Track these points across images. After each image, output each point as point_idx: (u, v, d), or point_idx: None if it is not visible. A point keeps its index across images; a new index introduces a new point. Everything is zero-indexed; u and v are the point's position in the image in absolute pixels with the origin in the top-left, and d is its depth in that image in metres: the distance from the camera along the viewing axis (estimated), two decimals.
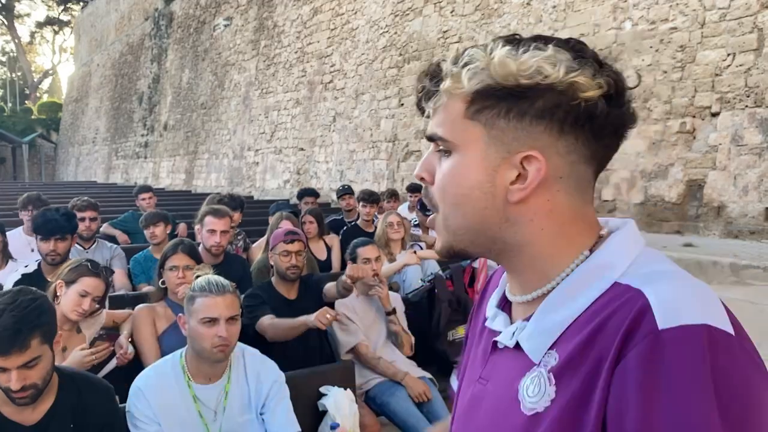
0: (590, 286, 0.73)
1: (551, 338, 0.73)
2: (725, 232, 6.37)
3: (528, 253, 0.77)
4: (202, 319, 2.19)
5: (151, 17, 23.34)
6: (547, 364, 0.72)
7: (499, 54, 0.72)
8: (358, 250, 3.54)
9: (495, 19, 9.23)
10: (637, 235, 0.78)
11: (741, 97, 6.27)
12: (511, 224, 0.76)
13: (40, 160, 35.78)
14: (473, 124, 0.75)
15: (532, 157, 0.73)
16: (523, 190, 0.74)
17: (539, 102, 0.72)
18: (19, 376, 1.75)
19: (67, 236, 3.53)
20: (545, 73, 0.71)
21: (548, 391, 0.70)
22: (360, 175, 11.66)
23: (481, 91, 0.73)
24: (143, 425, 2.15)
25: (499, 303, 0.88)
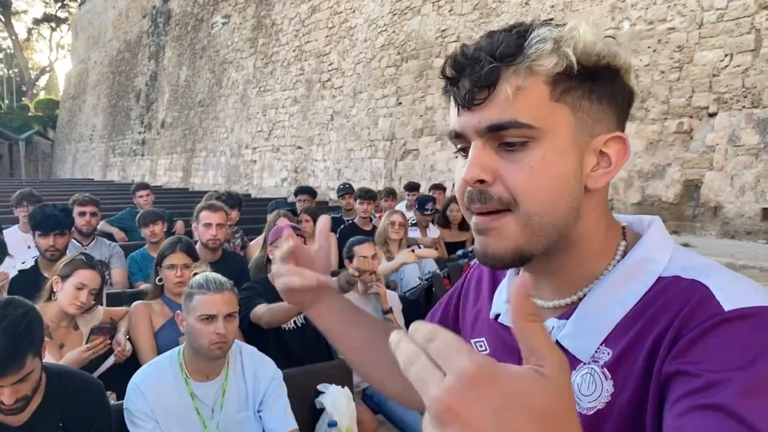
0: (635, 281, 0.71)
1: (602, 335, 0.70)
2: (722, 232, 6.39)
3: (581, 250, 0.74)
4: (200, 316, 2.19)
5: (149, 15, 23.29)
6: (598, 360, 0.70)
7: (585, 32, 0.68)
8: (355, 249, 3.55)
9: (493, 18, 9.24)
10: (666, 232, 0.77)
11: (738, 98, 6.28)
12: (579, 217, 0.72)
13: (37, 157, 35.69)
14: (560, 106, 0.69)
15: (616, 138, 0.71)
16: (609, 173, 0.71)
17: (612, 84, 0.71)
18: (12, 392, 1.73)
19: (65, 231, 3.54)
20: (612, 56, 0.70)
21: (606, 387, 0.68)
22: (358, 174, 11.66)
23: (566, 72, 0.68)
24: (141, 422, 2.15)
25: None
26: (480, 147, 0.70)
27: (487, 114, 0.69)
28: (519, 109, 0.67)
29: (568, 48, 0.67)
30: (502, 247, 0.71)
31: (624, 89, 0.73)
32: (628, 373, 0.66)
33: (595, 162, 0.71)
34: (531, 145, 0.68)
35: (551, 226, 0.70)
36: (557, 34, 0.68)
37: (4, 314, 1.72)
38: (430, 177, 9.44)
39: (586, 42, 0.68)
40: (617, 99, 0.72)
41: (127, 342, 2.86)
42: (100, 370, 2.70)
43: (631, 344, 0.67)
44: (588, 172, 0.71)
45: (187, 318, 2.25)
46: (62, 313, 2.67)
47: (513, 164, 0.69)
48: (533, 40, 0.68)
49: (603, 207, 0.74)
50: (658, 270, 0.70)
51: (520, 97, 0.68)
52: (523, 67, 0.68)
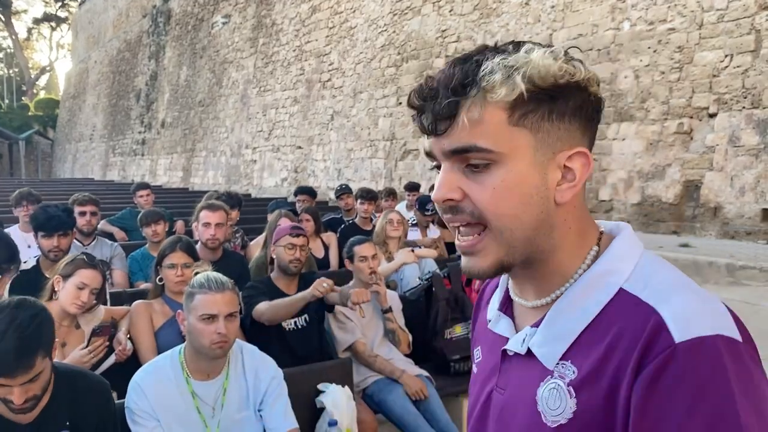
0: (597, 291, 0.75)
1: (564, 344, 0.75)
2: (722, 232, 6.39)
3: (556, 258, 0.78)
4: (201, 315, 2.20)
5: (149, 14, 23.30)
6: (564, 377, 0.74)
7: (538, 56, 0.71)
8: (355, 249, 3.55)
9: (494, 18, 9.24)
10: (635, 239, 0.80)
11: (738, 99, 6.29)
12: (551, 228, 0.76)
13: (37, 156, 35.70)
14: (519, 130, 0.72)
15: (579, 153, 0.75)
16: (574, 187, 0.75)
17: (572, 100, 0.73)
18: (22, 392, 1.74)
19: (68, 232, 3.54)
20: (571, 72, 0.72)
21: (569, 404, 0.72)
22: (358, 174, 11.66)
23: (521, 98, 0.71)
24: (142, 421, 2.15)
25: (500, 305, 0.89)
26: (448, 169, 0.76)
27: (450, 140, 0.74)
28: (478, 136, 0.72)
29: (518, 76, 0.71)
30: (486, 264, 0.77)
31: (587, 101, 0.75)
32: (591, 395, 0.71)
33: (560, 177, 0.75)
34: (493, 167, 0.73)
35: (523, 239, 0.75)
36: (509, 62, 0.71)
37: (14, 315, 1.73)
38: (431, 177, 9.44)
39: (540, 66, 0.71)
40: (580, 113, 0.75)
41: (128, 341, 2.86)
42: (100, 369, 2.71)
43: (594, 368, 0.71)
44: (553, 186, 0.75)
45: (188, 317, 2.26)
46: (64, 313, 2.68)
47: (477, 184, 0.74)
48: (485, 71, 0.72)
49: (574, 217, 0.78)
50: (620, 281, 0.74)
51: (479, 125, 0.72)
52: (477, 98, 0.72)
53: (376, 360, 3.39)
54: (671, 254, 5.54)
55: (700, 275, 5.33)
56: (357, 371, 3.30)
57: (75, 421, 1.97)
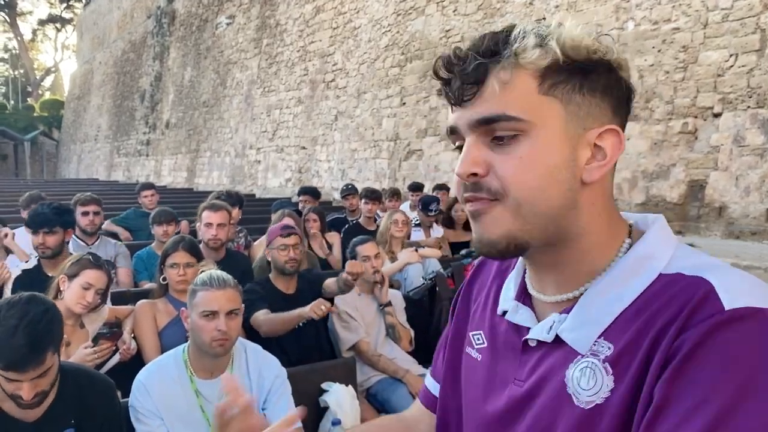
0: (636, 276, 0.71)
1: (600, 327, 0.71)
2: (727, 232, 6.37)
3: (583, 244, 0.74)
4: (202, 312, 2.21)
5: (154, 15, 23.35)
6: (598, 354, 0.70)
7: (571, 27, 0.70)
8: (358, 248, 3.56)
9: (497, 18, 9.24)
10: (669, 229, 0.77)
11: (743, 98, 6.27)
12: (577, 210, 0.72)
13: (42, 157, 35.80)
14: (549, 99, 0.70)
15: (610, 131, 0.72)
16: (604, 166, 0.72)
17: (605, 78, 0.71)
18: (31, 387, 1.77)
19: (56, 229, 3.51)
20: (604, 51, 0.71)
21: (606, 382, 0.68)
22: (361, 174, 11.66)
23: (553, 66, 0.69)
24: (146, 419, 2.16)
25: (518, 295, 0.84)
26: (472, 142, 0.73)
27: (477, 109, 0.71)
28: (507, 103, 0.70)
29: (552, 41, 0.69)
30: (495, 233, 0.73)
31: (619, 83, 0.73)
32: (628, 369, 0.67)
33: (590, 155, 0.72)
34: (521, 137, 0.70)
35: (543, 215, 0.71)
36: (542, 29, 0.70)
37: (25, 311, 1.75)
38: (434, 177, 9.44)
39: (573, 36, 0.69)
40: (611, 92, 0.72)
41: (132, 341, 2.87)
42: (105, 369, 2.72)
43: (632, 340, 0.67)
44: (582, 164, 0.72)
45: (191, 314, 2.27)
46: (68, 312, 2.69)
47: (504, 156, 0.71)
48: (517, 35, 0.70)
49: (604, 202, 0.75)
50: (660, 267, 0.71)
51: (508, 92, 0.70)
52: (508, 62, 0.70)
53: (380, 359, 3.39)
54: None
55: None
56: (360, 370, 3.30)
57: (80, 419, 1.97)
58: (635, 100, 0.76)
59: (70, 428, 1.96)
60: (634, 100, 0.77)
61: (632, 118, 7.35)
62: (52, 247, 3.48)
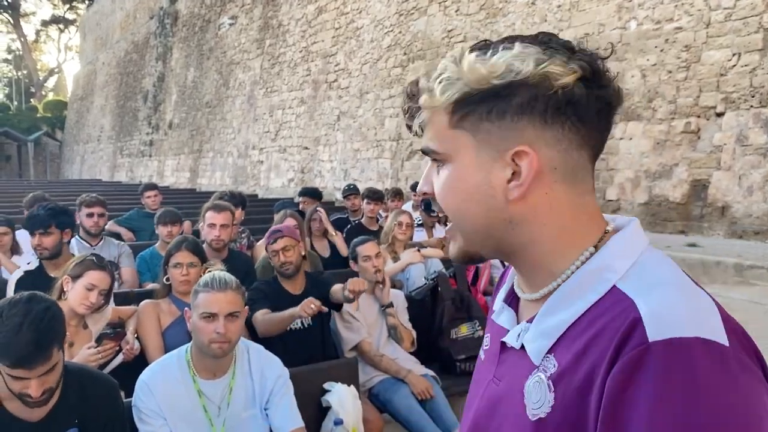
0: (590, 289, 0.73)
1: (550, 341, 0.75)
2: (729, 232, 6.36)
3: (533, 252, 0.78)
4: (202, 313, 2.22)
5: (156, 16, 23.39)
6: (546, 370, 0.74)
7: (467, 61, 0.74)
8: (358, 249, 3.57)
9: (500, 18, 9.23)
10: (639, 235, 0.78)
11: (746, 97, 6.26)
12: (515, 225, 0.77)
13: (45, 158, 35.91)
14: (459, 132, 0.77)
15: (521, 151, 0.74)
16: (520, 185, 0.74)
17: (516, 98, 0.73)
18: (39, 384, 1.78)
19: (51, 230, 3.49)
20: (515, 70, 0.72)
21: (548, 398, 0.72)
22: (364, 174, 11.67)
23: (459, 100, 0.75)
24: (149, 419, 2.17)
25: (506, 297, 0.90)
26: (429, 165, 0.85)
27: (423, 140, 0.83)
28: (430, 138, 0.81)
29: (454, 80, 0.76)
30: (454, 250, 0.85)
31: (541, 97, 0.73)
32: (567, 389, 0.70)
33: (511, 173, 0.75)
34: (444, 165, 0.81)
35: (474, 232, 0.80)
36: (445, 70, 0.77)
37: (28, 309, 1.77)
38: None
39: (469, 70, 0.74)
40: (529, 110, 0.73)
41: (135, 341, 2.88)
42: (108, 369, 2.72)
43: (573, 362, 0.71)
44: (503, 184, 0.76)
45: (192, 315, 2.29)
46: (72, 313, 2.70)
47: (437, 179, 0.83)
48: (433, 77, 0.79)
49: (552, 214, 0.77)
50: (613, 279, 0.73)
51: (430, 129, 0.81)
52: (426, 103, 0.80)
53: (382, 359, 3.39)
54: (678, 254, 5.52)
55: (708, 275, 5.30)
56: (363, 371, 3.30)
57: (83, 419, 1.98)
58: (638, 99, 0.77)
59: (73, 428, 1.97)
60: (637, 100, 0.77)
61: (635, 118, 7.34)
62: (49, 248, 3.48)
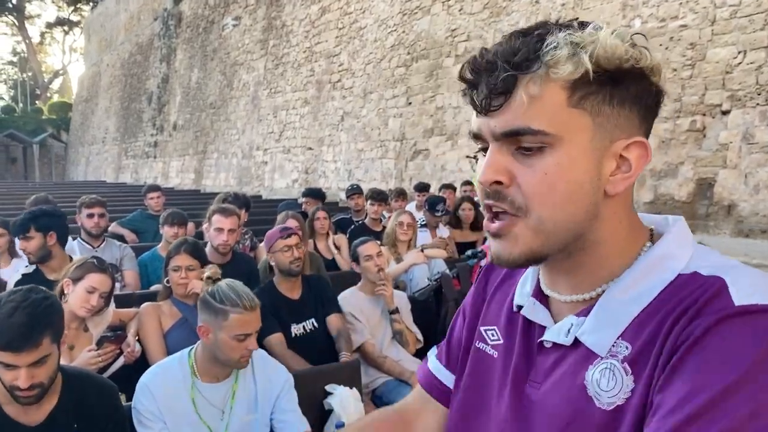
0: (654, 276, 0.71)
1: (618, 330, 0.70)
2: (736, 230, 6.32)
3: (602, 251, 0.74)
4: (237, 335, 2.17)
5: (160, 17, 23.43)
6: (617, 355, 0.69)
7: (606, 35, 0.67)
8: (359, 249, 3.55)
9: (503, 17, 9.20)
10: (689, 231, 0.76)
11: (752, 95, 6.21)
12: (599, 221, 0.72)
13: (51, 159, 36.01)
14: (578, 112, 0.68)
15: (636, 143, 0.71)
16: (628, 178, 0.71)
17: (634, 87, 0.70)
18: (28, 374, 1.75)
19: (30, 234, 3.43)
20: (637, 57, 0.69)
21: (626, 382, 0.67)
22: (368, 174, 11.65)
23: (584, 78, 0.67)
24: (148, 422, 2.15)
25: (534, 292, 0.83)
26: (496, 150, 0.72)
27: (503, 120, 0.69)
28: (534, 117, 0.68)
29: (584, 54, 0.66)
30: (516, 252, 0.72)
31: (650, 91, 0.71)
32: (645, 368, 0.66)
33: (615, 166, 0.71)
34: (547, 150, 0.69)
35: (565, 231, 0.71)
36: (575, 38, 0.67)
37: (26, 296, 1.79)
38: (441, 177, 9.41)
39: (607, 46, 0.67)
40: (641, 102, 0.71)
41: (136, 343, 2.87)
42: (109, 372, 2.71)
43: (649, 338, 0.67)
44: (607, 176, 0.71)
45: (217, 333, 2.19)
46: (72, 315, 2.69)
47: (528, 168, 0.70)
48: (549, 46, 0.67)
49: (625, 210, 0.74)
50: (678, 267, 0.70)
51: (536, 104, 0.68)
52: (538, 74, 0.68)
53: (385, 361, 3.37)
54: None
55: None
56: (366, 372, 3.28)
57: (83, 424, 1.96)
58: None
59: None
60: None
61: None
62: (33, 252, 3.44)
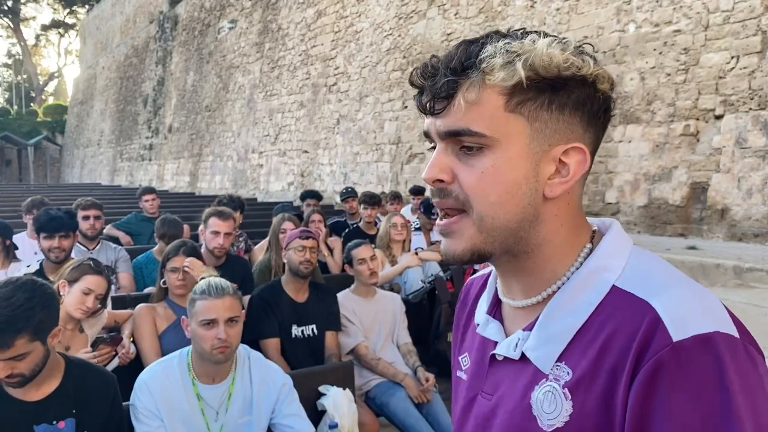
0: (590, 290, 0.73)
1: (560, 346, 0.73)
2: (729, 234, 6.35)
3: (544, 252, 0.76)
4: (202, 321, 2.23)
5: (156, 20, 23.43)
6: (559, 378, 0.72)
7: (543, 44, 0.70)
8: (353, 252, 3.57)
9: (499, 21, 9.24)
10: (624, 235, 0.78)
11: (745, 100, 6.26)
12: (539, 223, 0.74)
13: (46, 162, 35.91)
14: (515, 117, 0.71)
15: (576, 148, 0.73)
16: (565, 182, 0.73)
17: (575, 93, 0.72)
18: (6, 366, 1.81)
19: (70, 233, 3.58)
20: (577, 65, 0.71)
21: (565, 407, 0.70)
22: (364, 178, 11.67)
23: (520, 84, 0.70)
24: (145, 419, 2.17)
25: (489, 309, 0.86)
26: (441, 150, 0.76)
27: (445, 121, 0.74)
28: (473, 119, 0.72)
29: (519, 62, 0.69)
30: (461, 248, 0.76)
31: (594, 98, 0.73)
32: (587, 396, 0.69)
33: (554, 170, 0.73)
34: (485, 151, 0.73)
35: (503, 228, 0.74)
36: (512, 47, 0.70)
37: (12, 294, 1.80)
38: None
39: (543, 54, 0.69)
40: (583, 108, 0.73)
41: (131, 345, 2.87)
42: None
43: (590, 367, 0.69)
44: (545, 180, 0.73)
45: (191, 323, 2.29)
46: (68, 317, 2.69)
47: (468, 167, 0.74)
48: (485, 54, 0.71)
49: (568, 213, 0.76)
50: (612, 279, 0.73)
51: (475, 108, 0.72)
52: (476, 80, 0.71)
53: (379, 363, 3.39)
54: (678, 257, 5.51)
55: (707, 277, 5.29)
56: (359, 374, 3.30)
57: (80, 411, 2.04)
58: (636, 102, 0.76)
59: (70, 418, 2.01)
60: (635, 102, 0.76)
61: (634, 121, 7.34)
62: (67, 251, 3.53)
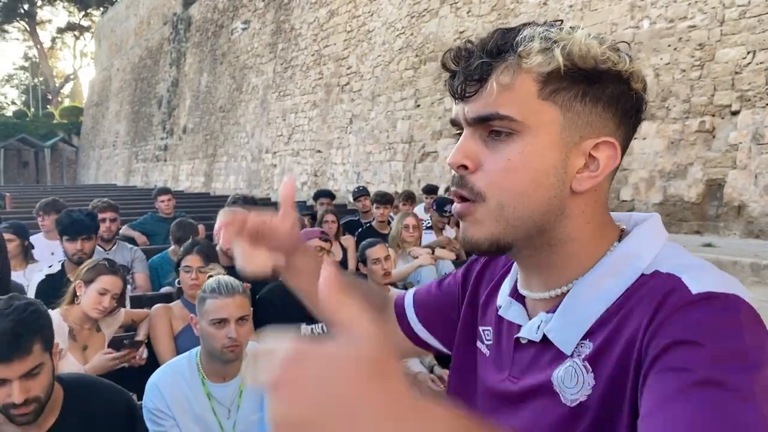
0: (618, 276, 0.72)
1: (583, 329, 0.72)
2: (746, 231, 6.28)
3: (569, 248, 0.75)
4: (212, 320, 2.22)
5: (170, 21, 23.58)
6: (580, 354, 0.71)
7: (581, 35, 0.69)
8: (367, 252, 3.57)
9: (512, 19, 9.20)
10: (661, 228, 0.77)
11: (762, 95, 6.18)
12: (565, 217, 0.73)
13: (62, 163, 36.27)
14: (548, 105, 0.70)
15: (607, 143, 0.72)
16: (594, 178, 0.72)
17: (610, 88, 0.71)
18: (22, 388, 1.58)
19: (92, 236, 3.64)
20: (614, 60, 0.70)
21: (587, 380, 0.69)
22: (376, 177, 11.68)
23: (556, 72, 0.69)
24: (159, 420, 2.18)
25: (511, 292, 0.85)
26: (468, 135, 0.74)
27: (475, 106, 0.72)
28: (503, 103, 0.70)
29: (557, 48, 0.68)
30: (478, 234, 0.74)
31: (628, 95, 0.72)
32: (605, 366, 0.68)
33: (583, 164, 0.72)
34: (514, 137, 0.71)
35: (526, 219, 0.72)
36: (550, 34, 0.69)
37: (9, 303, 1.64)
38: (449, 179, 9.41)
39: (581, 44, 0.69)
40: (616, 103, 0.72)
41: (144, 350, 2.88)
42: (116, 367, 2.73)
43: (609, 336, 0.68)
44: (573, 173, 0.72)
45: (200, 322, 2.29)
46: (85, 317, 2.72)
47: (494, 154, 0.72)
48: (523, 38, 0.70)
49: (596, 210, 0.75)
50: (641, 266, 0.71)
51: (507, 92, 0.70)
52: (511, 64, 0.70)
53: None
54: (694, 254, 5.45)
55: None
56: None
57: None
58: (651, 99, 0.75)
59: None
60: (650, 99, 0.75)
61: (649, 117, 7.27)
62: (89, 253, 3.58)
